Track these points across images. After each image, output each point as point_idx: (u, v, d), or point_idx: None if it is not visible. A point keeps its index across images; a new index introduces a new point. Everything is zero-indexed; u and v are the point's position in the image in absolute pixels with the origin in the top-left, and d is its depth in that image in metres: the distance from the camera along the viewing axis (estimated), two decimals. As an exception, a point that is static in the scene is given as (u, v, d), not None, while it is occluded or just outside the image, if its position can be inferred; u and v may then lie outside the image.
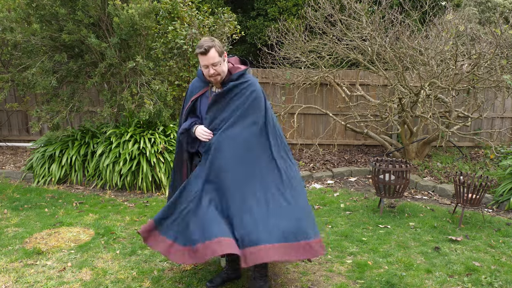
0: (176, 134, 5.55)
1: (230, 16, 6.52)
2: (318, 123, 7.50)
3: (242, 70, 2.70)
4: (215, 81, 2.65)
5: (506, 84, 5.65)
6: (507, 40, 5.24)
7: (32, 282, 2.98)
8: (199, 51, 2.55)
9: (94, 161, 5.43)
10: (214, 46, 2.56)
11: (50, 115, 5.55)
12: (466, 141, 7.40)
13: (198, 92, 2.78)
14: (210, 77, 2.62)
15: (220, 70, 2.60)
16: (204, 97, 2.75)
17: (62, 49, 5.48)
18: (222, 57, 2.61)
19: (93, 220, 4.20)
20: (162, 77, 5.72)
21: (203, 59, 2.56)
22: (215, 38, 3.33)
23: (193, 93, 2.81)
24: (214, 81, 2.65)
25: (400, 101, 5.95)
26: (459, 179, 4.24)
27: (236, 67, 2.72)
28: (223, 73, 2.63)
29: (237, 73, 2.68)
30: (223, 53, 2.63)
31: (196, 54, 2.58)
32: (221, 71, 2.61)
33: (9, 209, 4.51)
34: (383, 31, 5.90)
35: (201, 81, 2.80)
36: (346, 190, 5.54)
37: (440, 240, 3.83)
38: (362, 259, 3.39)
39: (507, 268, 3.27)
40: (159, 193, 5.25)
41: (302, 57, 6.69)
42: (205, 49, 2.52)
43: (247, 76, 2.74)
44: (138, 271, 3.15)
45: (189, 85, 2.88)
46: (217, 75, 2.61)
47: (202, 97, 2.77)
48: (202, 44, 2.55)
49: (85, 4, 5.10)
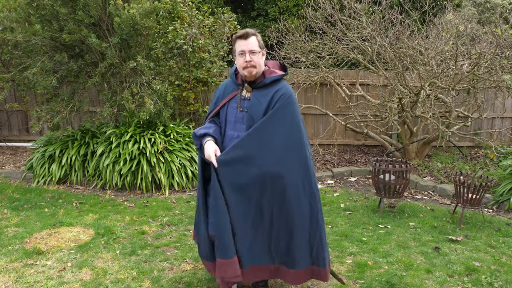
0: (176, 134, 5.57)
1: (230, 16, 6.52)
2: (318, 123, 7.50)
3: (278, 75, 2.46)
4: (249, 74, 2.38)
5: (506, 84, 5.65)
6: (507, 40, 5.24)
7: (32, 282, 2.98)
8: (239, 34, 2.35)
9: (94, 161, 5.43)
10: (256, 35, 2.39)
11: (50, 115, 5.55)
12: (466, 141, 7.40)
13: (229, 95, 2.53)
14: (244, 69, 2.37)
15: (257, 62, 2.37)
16: (233, 101, 2.50)
17: (62, 49, 5.48)
18: (262, 50, 2.41)
19: (93, 220, 4.20)
20: (162, 77, 5.72)
21: (242, 43, 2.35)
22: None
23: (225, 95, 2.56)
24: (248, 74, 2.38)
25: (400, 101, 5.95)
26: (459, 179, 4.24)
27: (271, 71, 2.48)
28: (259, 68, 2.40)
29: (271, 77, 2.44)
30: (263, 48, 2.44)
31: (235, 39, 2.38)
32: (258, 64, 2.38)
33: (9, 209, 4.51)
34: (383, 31, 5.90)
35: (232, 82, 2.57)
36: (346, 190, 5.54)
37: (440, 240, 3.83)
38: (362, 259, 3.39)
39: (507, 268, 3.27)
40: (159, 193, 5.25)
41: (302, 57, 6.69)
42: (246, 32, 2.34)
43: (282, 84, 2.48)
44: (138, 271, 3.15)
45: (220, 85, 2.66)
46: (253, 66, 2.36)
47: (231, 101, 2.52)
48: (244, 30, 2.38)
49: (86, 4, 5.10)
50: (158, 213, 4.48)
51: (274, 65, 2.56)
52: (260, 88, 2.45)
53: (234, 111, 2.48)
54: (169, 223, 4.18)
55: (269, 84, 2.44)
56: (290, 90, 2.47)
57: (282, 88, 2.44)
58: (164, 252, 3.51)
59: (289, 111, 2.42)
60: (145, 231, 3.95)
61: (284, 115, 2.41)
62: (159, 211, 4.53)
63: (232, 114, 2.48)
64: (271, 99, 2.40)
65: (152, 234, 3.91)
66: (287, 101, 2.41)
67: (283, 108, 2.41)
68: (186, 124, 6.12)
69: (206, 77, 6.02)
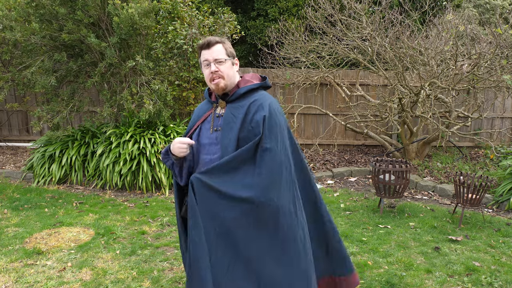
0: (176, 134, 5.57)
1: (230, 16, 6.53)
2: (318, 123, 7.50)
3: (254, 84, 2.12)
4: (216, 87, 2.06)
5: (506, 84, 5.65)
6: (507, 40, 5.24)
7: (32, 282, 2.98)
8: (200, 44, 2.07)
9: (94, 161, 5.42)
10: (223, 42, 2.08)
11: (50, 115, 5.55)
12: (466, 141, 7.40)
13: (203, 115, 2.20)
14: (211, 81, 2.06)
15: (225, 71, 2.05)
16: (207, 122, 2.16)
17: (62, 48, 5.48)
18: (231, 59, 2.11)
19: (93, 220, 4.20)
20: (162, 77, 5.72)
21: (205, 53, 2.06)
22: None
23: (199, 117, 2.23)
24: (215, 86, 2.06)
25: (400, 101, 5.95)
26: (459, 179, 4.24)
27: (247, 81, 2.15)
28: (228, 79, 2.07)
29: (246, 86, 2.10)
30: (234, 57, 2.14)
31: (198, 50, 2.10)
32: (226, 74, 2.06)
33: (9, 209, 4.50)
34: (383, 31, 5.90)
35: (207, 102, 2.25)
36: (346, 190, 5.53)
37: (440, 240, 3.83)
38: (362, 259, 3.39)
39: (507, 268, 3.27)
40: (159, 193, 5.25)
41: (302, 57, 6.69)
42: (208, 41, 2.05)
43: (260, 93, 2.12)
44: (138, 271, 3.15)
45: (195, 108, 2.32)
46: (220, 77, 2.05)
47: (204, 122, 2.18)
48: (206, 38, 2.08)
49: (85, 3, 5.10)
50: (158, 213, 4.48)
51: (253, 76, 2.22)
52: (234, 101, 2.11)
53: (207, 132, 2.13)
54: (169, 223, 4.18)
55: (244, 95, 2.10)
56: (268, 99, 2.10)
57: (260, 98, 2.08)
58: (164, 252, 3.51)
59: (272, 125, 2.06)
60: (145, 231, 3.95)
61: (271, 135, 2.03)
62: (159, 211, 4.53)
63: (205, 136, 2.13)
64: (247, 111, 2.04)
65: (152, 234, 3.91)
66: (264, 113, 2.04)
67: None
68: (186, 124, 6.12)
69: (206, 77, 6.02)
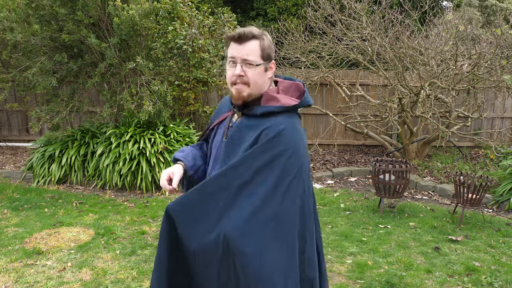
0: (176, 134, 5.57)
1: (230, 16, 6.53)
2: (318, 123, 7.51)
3: (276, 107, 1.62)
4: (236, 94, 1.63)
5: (506, 84, 5.65)
6: (507, 40, 5.24)
7: (32, 282, 2.98)
8: (232, 34, 1.60)
9: (94, 161, 5.42)
10: (261, 38, 1.61)
11: (50, 115, 5.55)
12: (466, 141, 7.40)
13: (221, 115, 1.84)
14: (233, 85, 1.62)
15: (253, 79, 1.60)
16: (222, 125, 1.80)
17: (62, 49, 5.48)
18: (266, 63, 1.63)
19: (93, 220, 4.20)
20: (162, 77, 5.72)
21: (233, 47, 1.60)
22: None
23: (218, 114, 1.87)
24: (235, 94, 1.63)
25: (400, 101, 5.95)
26: (459, 179, 4.24)
27: (272, 96, 1.64)
28: (254, 88, 1.62)
29: (265, 107, 1.63)
30: (271, 59, 1.65)
31: (227, 40, 1.64)
32: (254, 82, 1.60)
33: (9, 209, 4.50)
34: (383, 31, 5.90)
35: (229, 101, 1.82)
36: (346, 190, 5.53)
37: (440, 240, 3.83)
38: (362, 259, 3.39)
39: (507, 268, 3.27)
40: (159, 193, 5.25)
41: (302, 57, 6.69)
42: (243, 33, 1.58)
43: (281, 120, 1.61)
44: (138, 271, 3.15)
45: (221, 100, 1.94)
46: (245, 84, 1.60)
47: (220, 124, 1.82)
48: (240, 29, 1.60)
49: (85, 4, 5.10)
50: (158, 213, 4.48)
51: (288, 87, 1.70)
52: (250, 117, 1.67)
53: (219, 138, 1.77)
54: (169, 223, 4.18)
55: (260, 116, 1.63)
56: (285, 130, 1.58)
57: (274, 126, 1.58)
58: (164, 252, 3.50)
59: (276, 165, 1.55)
60: (145, 231, 3.95)
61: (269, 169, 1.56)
62: (159, 211, 4.53)
63: (217, 141, 1.79)
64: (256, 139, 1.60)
65: (152, 234, 3.91)
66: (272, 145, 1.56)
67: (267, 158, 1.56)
68: (186, 124, 6.12)
69: (206, 77, 6.02)
